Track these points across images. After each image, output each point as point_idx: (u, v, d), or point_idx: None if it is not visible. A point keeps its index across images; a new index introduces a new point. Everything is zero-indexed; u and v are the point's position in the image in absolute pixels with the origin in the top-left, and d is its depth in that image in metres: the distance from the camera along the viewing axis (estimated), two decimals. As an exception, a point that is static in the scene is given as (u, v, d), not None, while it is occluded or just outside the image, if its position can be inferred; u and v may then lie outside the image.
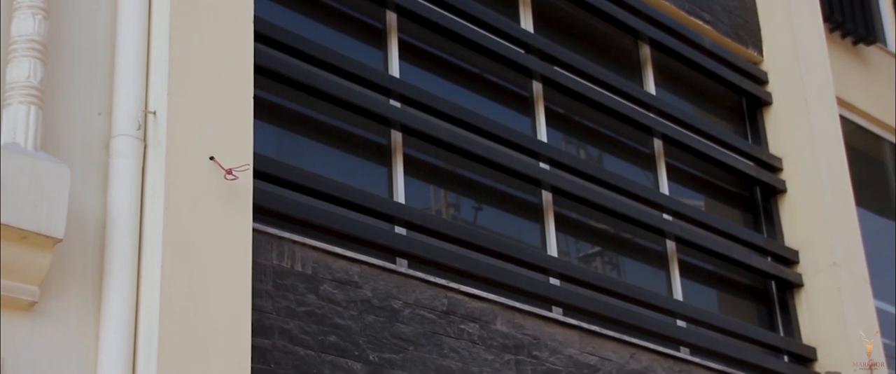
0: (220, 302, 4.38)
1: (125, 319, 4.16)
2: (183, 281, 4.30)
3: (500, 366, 5.66)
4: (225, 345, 4.34)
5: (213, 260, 4.41)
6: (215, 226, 4.46)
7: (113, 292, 4.15)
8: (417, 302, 5.45)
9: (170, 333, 4.19)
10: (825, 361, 7.32)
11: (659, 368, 6.40)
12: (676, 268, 7.06)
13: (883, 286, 8.19)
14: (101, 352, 4.07)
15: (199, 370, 4.24)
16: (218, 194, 4.50)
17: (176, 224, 4.34)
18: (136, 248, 4.25)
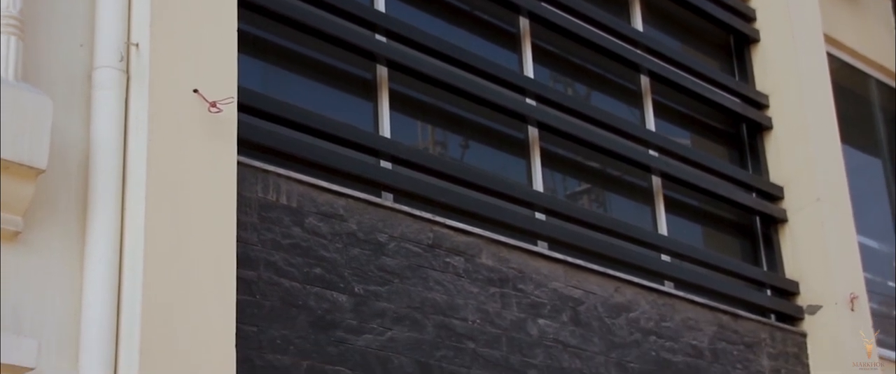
0: (204, 234, 4.41)
1: (110, 250, 4.19)
2: (167, 213, 4.33)
3: (485, 299, 5.71)
4: (210, 276, 4.38)
5: (198, 192, 4.43)
6: (199, 159, 4.48)
7: (97, 224, 4.18)
8: (403, 236, 5.49)
9: (155, 264, 4.23)
10: (807, 294, 7.41)
11: (643, 301, 6.46)
12: (662, 204, 7.11)
13: (866, 222, 8.25)
14: (87, 282, 4.11)
15: (184, 300, 4.28)
16: (202, 127, 4.52)
17: (160, 157, 4.35)
18: (119, 180, 4.27)
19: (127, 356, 4.10)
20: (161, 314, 4.19)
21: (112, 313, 4.12)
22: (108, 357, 4.08)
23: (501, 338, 5.71)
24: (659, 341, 6.45)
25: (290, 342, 4.90)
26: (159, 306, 4.20)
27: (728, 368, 6.77)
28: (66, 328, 4.04)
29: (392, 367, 5.22)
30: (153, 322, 4.16)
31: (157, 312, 4.18)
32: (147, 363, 4.09)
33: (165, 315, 4.20)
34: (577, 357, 6.00)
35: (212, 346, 4.29)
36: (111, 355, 4.10)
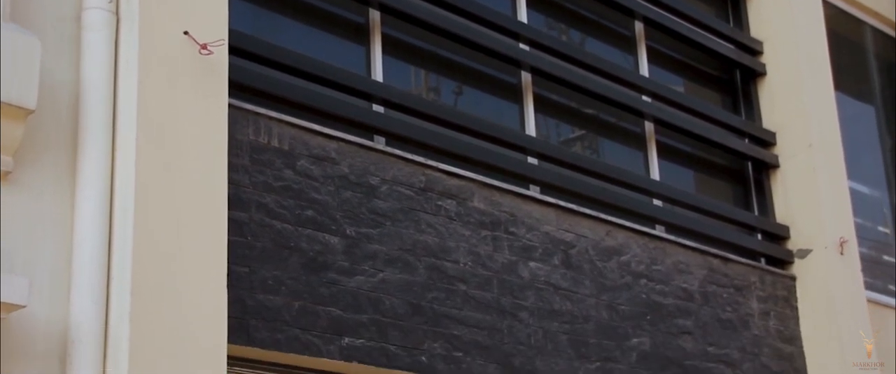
0: (195, 175, 4.45)
1: (100, 190, 4.22)
2: (158, 155, 4.36)
3: (477, 242, 5.76)
4: (201, 217, 4.42)
5: (189, 134, 4.46)
6: (190, 101, 4.50)
7: (87, 164, 4.21)
8: (395, 179, 5.53)
9: (145, 205, 4.26)
10: (798, 239, 7.46)
11: (634, 245, 6.52)
12: (654, 149, 7.14)
13: (858, 168, 8.28)
14: (77, 222, 4.15)
15: (175, 241, 4.32)
16: (193, 69, 4.54)
17: (150, 99, 4.38)
18: (109, 122, 4.29)
19: (118, 296, 4.15)
20: (152, 254, 4.24)
21: (103, 252, 4.16)
22: (99, 296, 4.13)
23: (493, 280, 5.77)
24: (649, 284, 6.51)
25: (281, 282, 4.95)
26: (151, 247, 4.24)
27: (717, 311, 6.84)
28: (57, 266, 4.08)
29: (383, 308, 5.28)
30: (144, 262, 4.20)
31: (149, 252, 4.23)
32: (138, 303, 4.15)
33: (157, 255, 4.25)
34: (567, 300, 6.06)
35: (203, 286, 4.34)
36: (103, 294, 4.15)
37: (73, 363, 4.03)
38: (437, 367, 5.39)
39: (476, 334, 5.59)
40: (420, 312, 5.40)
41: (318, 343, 5.00)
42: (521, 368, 5.72)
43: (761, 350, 7.00)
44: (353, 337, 5.12)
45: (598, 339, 6.13)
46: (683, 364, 6.52)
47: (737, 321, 6.93)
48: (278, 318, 4.89)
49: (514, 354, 5.72)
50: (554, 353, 5.89)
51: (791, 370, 7.14)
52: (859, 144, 8.49)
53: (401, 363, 5.26)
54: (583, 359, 6.01)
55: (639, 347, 6.32)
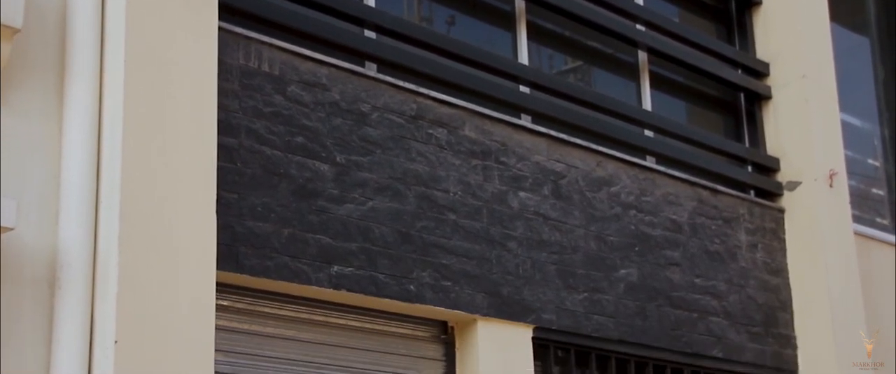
0: (185, 99, 4.38)
1: (89, 113, 4.16)
2: (147, 78, 4.29)
3: (467, 171, 5.73)
4: (190, 142, 4.37)
5: (178, 57, 4.39)
6: (180, 24, 4.42)
7: (75, 88, 4.14)
8: (386, 106, 5.47)
9: (134, 128, 4.20)
10: (788, 171, 7.45)
11: (624, 176, 6.49)
12: (647, 79, 7.09)
13: (851, 100, 8.25)
14: (66, 144, 4.09)
15: (164, 165, 4.27)
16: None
17: (139, 19, 4.29)
18: (98, 43, 4.22)
19: (107, 221, 4.11)
20: (141, 178, 4.19)
21: (92, 176, 4.12)
22: (88, 221, 4.09)
23: (482, 210, 5.74)
24: (639, 215, 6.51)
25: (271, 209, 4.92)
26: (139, 171, 4.19)
27: (706, 242, 6.84)
28: (45, 190, 4.04)
29: (373, 237, 5.25)
30: (133, 187, 4.16)
31: (138, 176, 4.18)
32: (127, 228, 4.11)
33: (145, 180, 4.20)
34: (557, 230, 6.05)
35: (192, 212, 4.31)
36: (91, 219, 4.11)
37: (62, 287, 4.01)
38: (425, 296, 5.39)
39: (465, 263, 5.58)
40: (409, 241, 5.38)
41: (308, 271, 4.98)
42: (509, 298, 5.72)
43: (748, 282, 7.03)
44: (343, 265, 5.11)
45: (585, 269, 6.14)
46: (670, 296, 6.54)
47: (724, 252, 6.95)
48: (267, 245, 4.87)
49: (503, 283, 5.72)
50: (542, 283, 5.90)
51: (776, 302, 7.17)
52: (853, 76, 8.45)
53: (390, 291, 5.26)
54: (570, 289, 6.02)
55: (626, 278, 6.33)
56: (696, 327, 6.63)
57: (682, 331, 6.55)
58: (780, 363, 7.07)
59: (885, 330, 7.71)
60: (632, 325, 6.29)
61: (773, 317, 7.12)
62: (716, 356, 6.71)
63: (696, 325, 6.63)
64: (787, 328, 7.18)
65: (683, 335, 6.55)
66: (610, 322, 6.18)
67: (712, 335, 6.72)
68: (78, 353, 4.01)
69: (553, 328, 5.90)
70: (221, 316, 4.64)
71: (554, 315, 5.90)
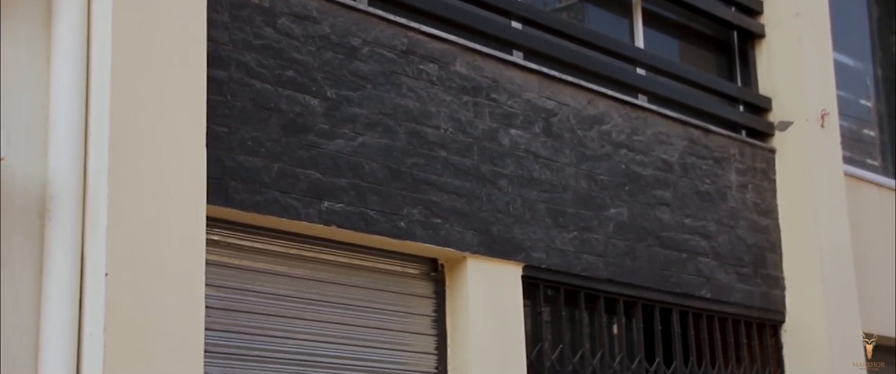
0: (174, 30, 4.31)
1: (76, 46, 4.09)
2: (136, 9, 4.21)
3: (458, 107, 5.67)
4: (180, 73, 4.30)
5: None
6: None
7: (63, 18, 4.07)
8: (376, 41, 5.40)
9: (123, 59, 4.13)
10: (779, 111, 7.43)
11: (616, 114, 6.45)
12: (640, 16, 7.03)
13: (845, 40, 8.21)
14: (54, 75, 4.03)
15: (153, 97, 4.21)
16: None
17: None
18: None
19: (96, 153, 4.06)
20: (130, 110, 4.13)
21: (80, 108, 4.06)
22: (77, 153, 4.04)
23: (473, 147, 5.70)
24: (629, 154, 6.48)
25: (261, 144, 4.87)
26: (128, 103, 4.13)
27: (696, 182, 6.83)
28: (33, 122, 3.99)
29: (363, 172, 5.21)
30: (122, 119, 4.10)
31: (127, 108, 4.12)
32: (116, 159, 4.06)
33: (134, 111, 4.14)
34: (547, 168, 6.02)
35: (182, 143, 4.25)
36: (80, 151, 4.06)
37: (52, 219, 3.97)
38: (415, 232, 5.36)
39: (455, 200, 5.55)
40: (399, 177, 5.34)
41: (298, 206, 4.94)
42: (498, 235, 5.70)
43: (737, 223, 7.02)
44: (333, 201, 5.07)
45: (576, 208, 6.11)
46: (660, 236, 6.53)
47: (715, 192, 6.93)
48: (257, 179, 4.82)
49: (492, 221, 5.70)
50: (532, 221, 5.87)
51: (766, 243, 7.18)
52: (846, 15, 8.39)
53: (379, 228, 5.23)
54: (560, 228, 6.00)
55: (616, 217, 6.31)
56: (685, 267, 6.63)
57: (671, 271, 6.55)
58: (768, 303, 7.09)
59: (874, 271, 7.73)
60: (621, 264, 6.28)
61: (763, 258, 7.12)
62: (704, 297, 6.72)
63: (685, 265, 6.63)
64: (775, 269, 7.19)
65: (672, 275, 6.55)
66: (599, 262, 6.17)
67: (701, 276, 6.72)
68: (69, 285, 3.98)
69: (543, 266, 5.88)
70: (212, 251, 4.61)
71: (544, 254, 5.89)
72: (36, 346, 3.95)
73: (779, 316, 7.15)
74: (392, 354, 5.31)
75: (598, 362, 6.15)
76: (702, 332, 6.76)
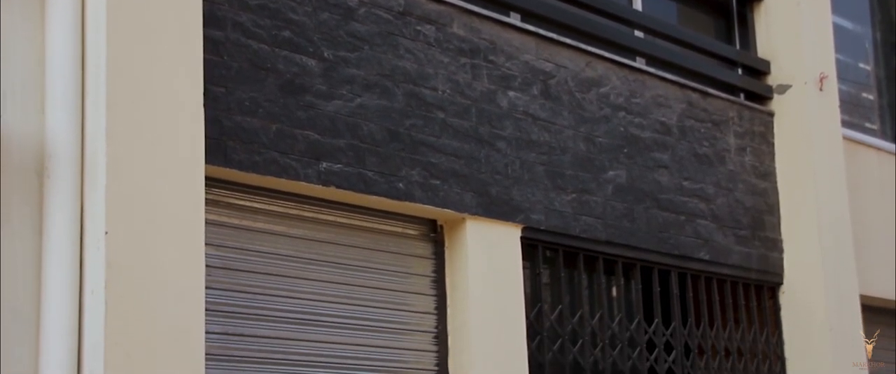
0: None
1: (72, 3, 4.09)
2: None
3: (456, 69, 5.68)
4: (175, 32, 4.30)
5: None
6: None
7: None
8: (373, 1, 5.40)
9: (118, 18, 4.13)
10: (778, 74, 7.43)
11: (614, 77, 6.46)
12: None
13: (844, 3, 8.19)
14: (49, 35, 4.04)
15: (149, 55, 4.21)
16: None
17: None
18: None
19: (93, 111, 4.07)
20: (126, 68, 4.14)
21: (77, 66, 4.07)
22: (74, 112, 4.06)
23: (471, 109, 5.71)
24: (628, 116, 6.49)
25: (259, 104, 4.88)
26: (124, 61, 4.14)
27: (694, 145, 6.84)
28: (29, 80, 4.00)
29: (361, 133, 5.23)
30: (119, 77, 4.11)
31: (123, 66, 4.13)
32: (113, 118, 4.07)
33: (131, 70, 4.15)
34: (545, 130, 6.03)
35: (179, 102, 4.26)
36: (78, 109, 4.07)
37: (50, 178, 3.99)
38: (414, 194, 5.38)
39: (453, 162, 5.57)
40: (398, 138, 5.36)
41: (297, 167, 4.96)
42: (497, 197, 5.72)
43: (736, 186, 7.04)
44: (331, 162, 5.09)
45: (574, 171, 6.13)
46: (658, 198, 6.55)
47: (713, 155, 6.95)
48: (256, 140, 4.84)
49: (491, 183, 5.72)
50: (530, 183, 5.89)
51: (764, 206, 7.20)
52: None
53: (378, 189, 5.25)
54: (559, 190, 6.02)
55: (615, 179, 6.33)
56: (683, 229, 6.65)
57: (670, 233, 6.57)
58: (766, 265, 7.12)
59: (872, 234, 7.75)
60: (620, 226, 6.30)
61: (761, 220, 7.14)
62: (702, 259, 6.75)
63: (683, 227, 6.65)
64: (773, 232, 7.21)
65: (671, 237, 6.58)
66: (598, 223, 6.19)
67: (699, 238, 6.74)
68: (69, 244, 4.00)
69: (541, 228, 5.91)
70: (211, 211, 4.63)
71: (543, 215, 5.91)
72: (37, 304, 3.97)
73: (776, 278, 7.18)
74: (392, 313, 5.35)
75: (597, 322, 6.18)
76: (700, 293, 6.79)
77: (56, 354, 3.93)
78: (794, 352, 7.12)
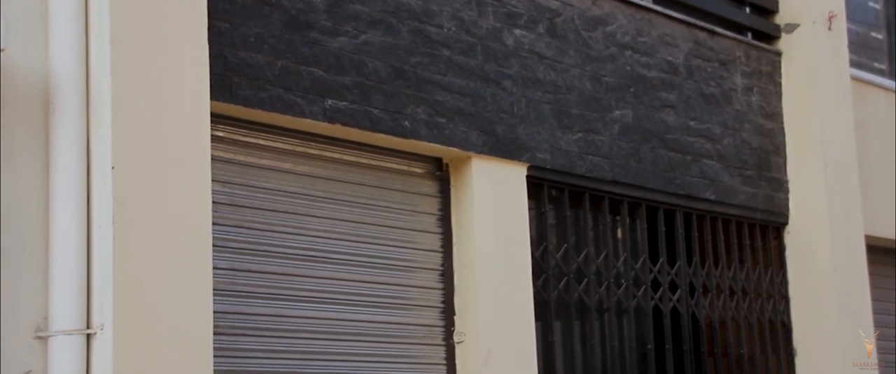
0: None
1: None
2: None
3: (461, 6, 5.65)
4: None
5: None
6: None
7: None
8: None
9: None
10: (786, 13, 7.38)
11: (620, 15, 6.43)
12: (645, -85, 6.96)
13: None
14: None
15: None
16: None
17: None
18: None
19: (97, 45, 4.06)
20: (129, 2, 4.12)
21: (79, 0, 4.05)
22: (78, 46, 4.04)
23: (477, 46, 5.69)
24: (634, 56, 6.46)
25: (263, 40, 4.87)
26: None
27: (701, 85, 6.82)
28: (33, 10, 3.98)
29: (366, 71, 5.22)
30: (122, 10, 4.08)
31: (126, 1, 4.11)
32: (118, 53, 4.06)
33: (134, 4, 4.13)
34: (552, 69, 6.02)
35: (184, 37, 4.25)
36: (82, 44, 4.06)
37: (56, 112, 3.99)
38: (419, 132, 5.38)
39: (459, 100, 5.56)
40: (403, 76, 5.35)
41: (302, 103, 4.95)
42: (503, 136, 5.72)
43: (742, 126, 7.03)
44: (337, 99, 5.08)
45: (580, 110, 6.12)
46: (664, 138, 6.54)
47: (720, 95, 6.93)
48: (261, 76, 4.83)
49: (497, 122, 5.71)
50: (536, 122, 5.88)
51: (771, 146, 7.19)
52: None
53: (384, 126, 5.25)
54: (565, 129, 6.01)
55: (621, 119, 6.32)
56: (689, 169, 6.65)
57: (676, 173, 6.57)
58: (771, 206, 7.12)
59: (878, 175, 7.75)
60: (625, 166, 6.30)
61: (767, 161, 7.14)
62: (708, 199, 6.75)
63: (689, 167, 6.65)
64: (779, 172, 7.21)
65: (676, 176, 6.58)
66: (604, 163, 6.19)
67: (705, 178, 6.75)
68: (76, 178, 4.01)
69: (547, 167, 5.91)
70: (217, 147, 4.63)
71: (548, 154, 5.91)
72: (46, 238, 3.99)
73: (782, 218, 7.19)
74: (398, 251, 5.36)
75: (602, 262, 6.20)
76: (705, 233, 6.80)
77: (65, 288, 3.96)
78: (798, 292, 7.14)
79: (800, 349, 7.10)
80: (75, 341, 3.92)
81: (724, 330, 6.82)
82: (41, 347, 3.92)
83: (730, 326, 6.84)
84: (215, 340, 4.23)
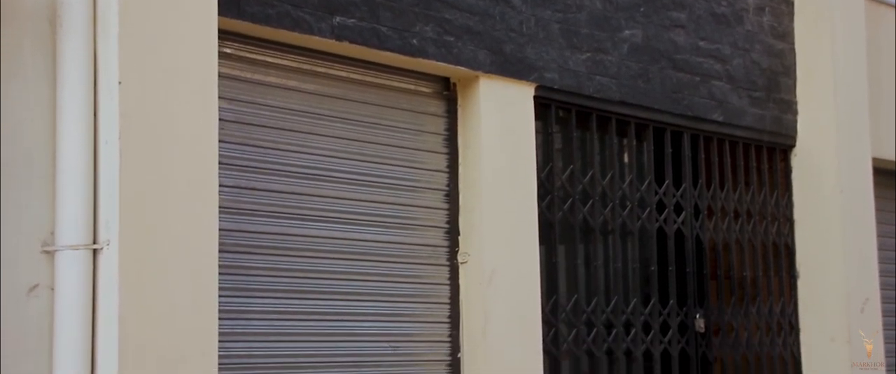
0: None
1: None
2: None
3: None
4: None
5: None
6: None
7: None
8: None
9: None
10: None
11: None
12: None
13: None
14: None
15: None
16: None
17: None
18: None
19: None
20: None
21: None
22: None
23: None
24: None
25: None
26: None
27: (712, 4, 6.75)
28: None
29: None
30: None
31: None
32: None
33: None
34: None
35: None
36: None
37: (63, 26, 3.96)
38: (427, 50, 5.34)
39: (468, 18, 5.51)
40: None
41: (310, 20, 4.91)
42: (511, 55, 5.67)
43: (753, 46, 6.97)
44: (345, 16, 5.03)
45: (589, 29, 6.06)
46: (674, 58, 6.49)
47: (730, 15, 6.86)
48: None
49: (506, 40, 5.66)
50: (545, 41, 5.84)
51: (781, 67, 7.14)
52: None
53: (392, 44, 5.21)
54: (574, 49, 5.97)
55: (630, 39, 6.27)
56: (698, 90, 6.61)
57: (684, 94, 6.54)
58: (779, 127, 7.10)
59: (890, 98, 7.70)
60: (634, 86, 6.27)
61: (776, 82, 7.09)
62: (716, 120, 6.72)
63: (698, 88, 6.61)
64: (789, 94, 7.17)
65: (685, 97, 6.54)
66: (612, 83, 6.15)
67: (714, 99, 6.71)
68: (83, 93, 4.00)
69: (555, 87, 5.88)
70: (224, 63, 4.60)
71: (556, 74, 5.87)
72: (53, 154, 3.99)
73: (790, 141, 7.16)
74: (404, 170, 5.36)
75: (608, 183, 6.20)
76: (712, 155, 6.79)
77: (72, 203, 3.97)
78: (804, 214, 7.14)
79: (802, 272, 7.13)
80: (81, 256, 3.94)
81: (728, 252, 6.84)
82: (47, 261, 3.94)
83: (733, 248, 6.86)
84: (220, 257, 4.25)
